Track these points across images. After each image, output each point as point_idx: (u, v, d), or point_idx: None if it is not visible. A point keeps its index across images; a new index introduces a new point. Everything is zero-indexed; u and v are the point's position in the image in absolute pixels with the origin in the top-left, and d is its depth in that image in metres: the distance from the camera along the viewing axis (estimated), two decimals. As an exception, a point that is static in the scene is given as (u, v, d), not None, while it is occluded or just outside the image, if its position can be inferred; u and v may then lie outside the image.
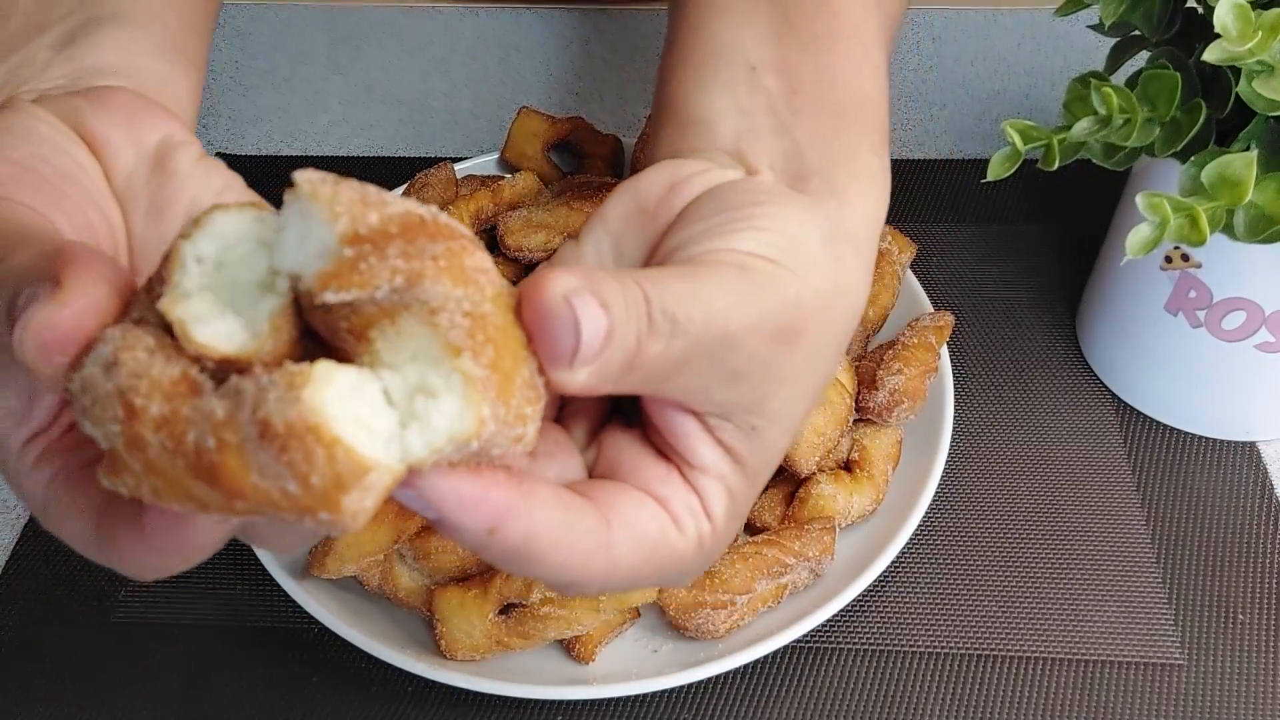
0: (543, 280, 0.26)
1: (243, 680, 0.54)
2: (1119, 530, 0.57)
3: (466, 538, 0.27)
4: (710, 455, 0.31)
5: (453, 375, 0.24)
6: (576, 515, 0.28)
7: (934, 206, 0.75)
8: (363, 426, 0.23)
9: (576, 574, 0.29)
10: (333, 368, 0.23)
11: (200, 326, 0.24)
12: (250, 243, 0.25)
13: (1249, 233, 0.47)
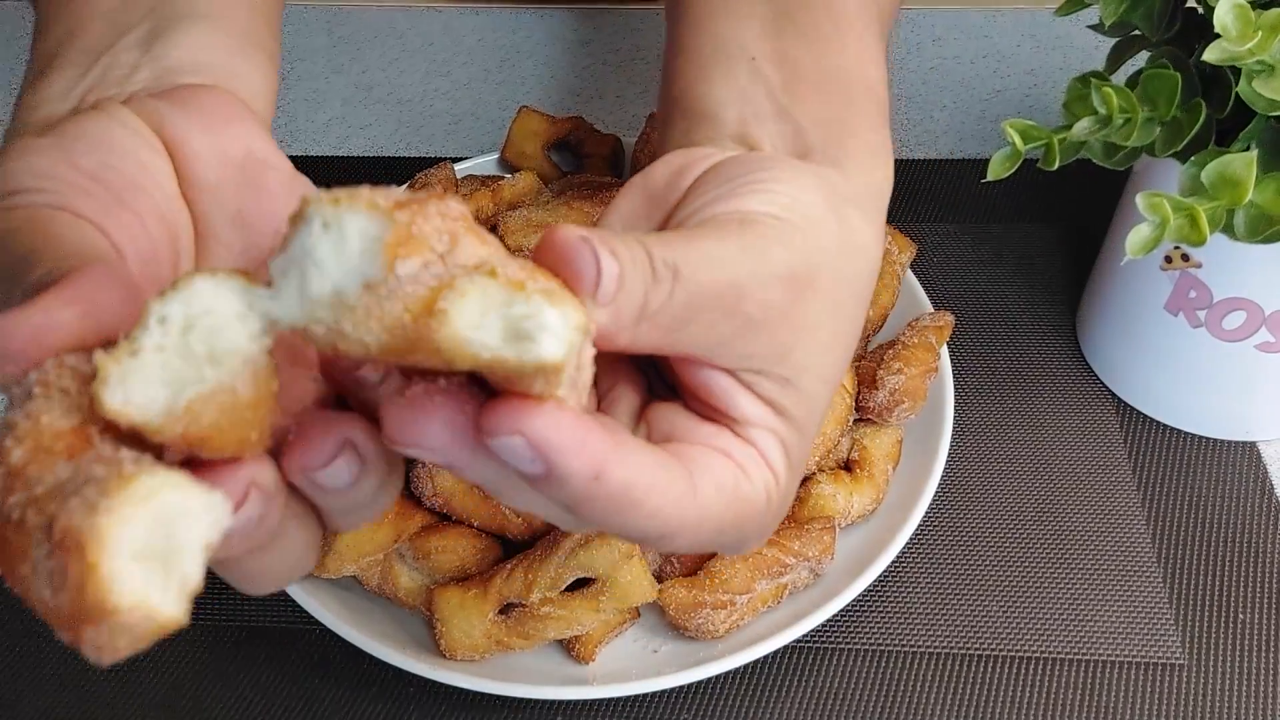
0: (557, 228, 0.27)
1: (243, 680, 0.54)
2: (1120, 530, 0.57)
3: (570, 487, 0.26)
4: (753, 408, 0.31)
5: (533, 297, 0.24)
6: (665, 464, 0.29)
7: (934, 206, 0.75)
8: (142, 563, 0.22)
9: (669, 522, 0.29)
10: (162, 484, 0.23)
11: (109, 388, 0.24)
12: (226, 314, 0.25)
13: (1249, 233, 0.47)
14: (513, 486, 0.28)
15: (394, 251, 0.24)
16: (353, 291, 0.24)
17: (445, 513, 0.53)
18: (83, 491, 0.22)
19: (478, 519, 0.53)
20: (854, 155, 0.37)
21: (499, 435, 0.25)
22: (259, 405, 0.25)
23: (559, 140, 0.71)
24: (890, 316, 0.62)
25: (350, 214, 0.24)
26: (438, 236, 0.24)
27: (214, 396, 0.24)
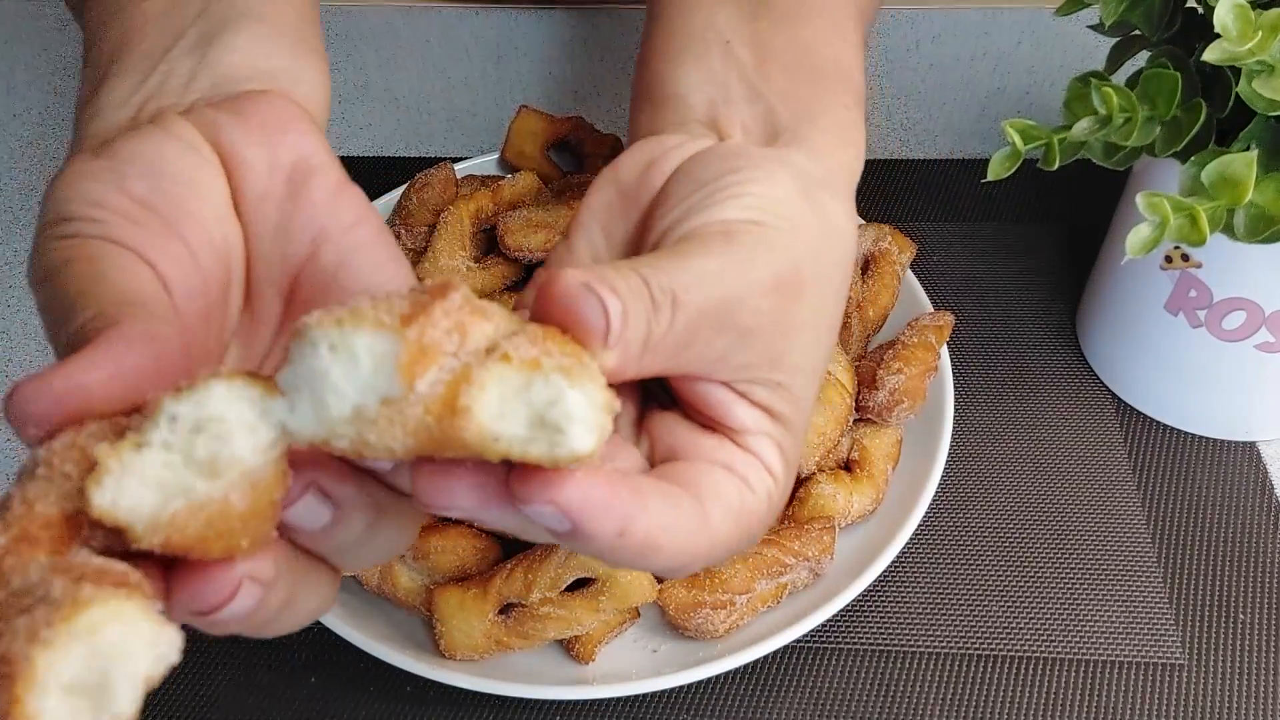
0: (555, 276, 0.27)
1: (242, 681, 0.54)
2: (1120, 530, 0.57)
3: (595, 544, 0.27)
4: (750, 417, 0.32)
5: (551, 377, 0.24)
6: (679, 503, 0.29)
7: (934, 206, 0.75)
8: (72, 697, 0.22)
9: (687, 558, 0.29)
10: (109, 617, 0.22)
11: (101, 487, 0.24)
12: (237, 423, 0.25)
13: (1249, 233, 0.47)
14: (532, 531, 0.29)
15: (411, 372, 0.24)
16: (372, 407, 0.24)
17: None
18: (34, 611, 0.22)
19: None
20: (824, 132, 0.37)
21: (532, 504, 0.26)
22: (255, 516, 0.25)
23: (559, 140, 0.71)
24: (890, 316, 0.62)
25: (356, 336, 0.24)
26: (448, 338, 0.24)
27: (203, 509, 0.24)
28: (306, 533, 0.28)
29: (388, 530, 0.30)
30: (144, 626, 0.23)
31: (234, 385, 0.25)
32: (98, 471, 0.24)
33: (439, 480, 0.27)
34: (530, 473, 0.26)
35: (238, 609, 0.26)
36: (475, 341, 0.24)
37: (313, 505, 0.28)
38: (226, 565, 0.26)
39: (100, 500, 0.24)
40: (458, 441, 0.24)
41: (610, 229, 0.35)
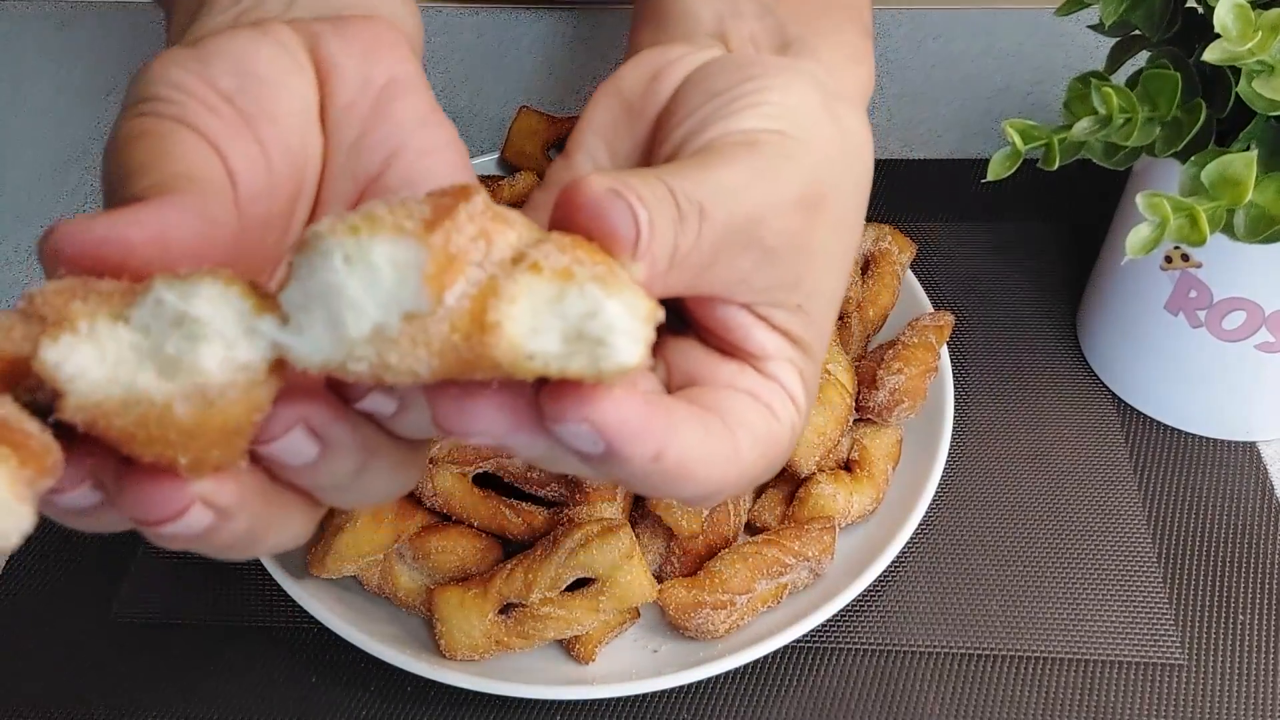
0: (580, 182, 0.25)
1: (242, 680, 0.54)
2: (1120, 530, 0.57)
3: (628, 468, 0.26)
4: (771, 341, 0.31)
5: (586, 287, 0.23)
6: (711, 429, 0.28)
7: (934, 206, 0.74)
8: None
9: (716, 486, 0.28)
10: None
11: (56, 345, 0.23)
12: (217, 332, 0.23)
13: (1249, 233, 0.47)
14: (561, 458, 0.27)
15: (439, 282, 0.22)
16: (394, 325, 0.22)
17: (445, 513, 0.54)
18: None
19: (478, 519, 0.53)
20: (836, 48, 0.36)
21: (565, 423, 0.24)
22: (202, 435, 0.23)
23: (559, 140, 0.71)
24: (890, 316, 0.62)
25: (375, 243, 0.22)
26: (474, 245, 0.22)
27: (138, 405, 0.23)
28: (291, 468, 0.26)
29: (378, 474, 0.28)
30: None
31: (228, 291, 0.23)
32: (60, 327, 0.22)
33: (463, 403, 0.25)
34: (563, 390, 0.24)
35: (184, 529, 0.25)
36: (500, 250, 0.23)
37: (298, 441, 0.26)
38: (177, 481, 0.24)
39: (46, 354, 0.22)
40: (488, 360, 0.22)
41: (614, 144, 0.34)
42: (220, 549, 0.26)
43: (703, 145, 0.31)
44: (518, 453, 0.27)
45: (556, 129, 0.71)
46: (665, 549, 0.54)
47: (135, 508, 0.24)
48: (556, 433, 0.25)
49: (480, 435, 0.25)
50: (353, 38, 0.33)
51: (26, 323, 0.23)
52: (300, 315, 0.23)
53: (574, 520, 0.52)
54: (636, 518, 0.54)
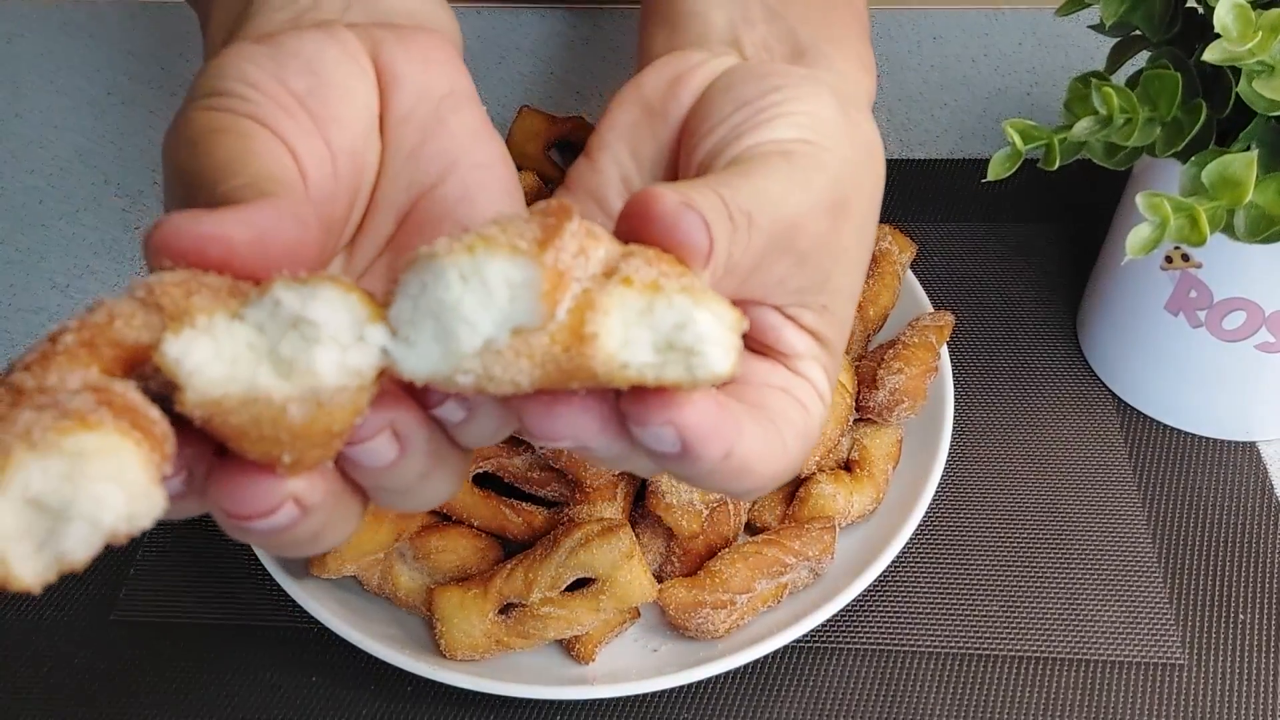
0: (652, 195, 0.27)
1: (242, 680, 0.54)
2: (1120, 530, 0.57)
3: (699, 466, 0.27)
4: (800, 341, 0.32)
5: (675, 299, 0.24)
6: (765, 428, 0.30)
7: (934, 206, 0.75)
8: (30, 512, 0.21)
9: (769, 479, 0.30)
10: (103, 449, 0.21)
11: (178, 339, 0.23)
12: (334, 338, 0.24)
13: (1249, 233, 0.47)
14: (629, 459, 0.29)
15: (553, 299, 0.23)
16: (502, 339, 0.23)
17: (445, 513, 0.54)
18: (44, 412, 0.21)
19: (478, 519, 0.53)
20: (848, 59, 0.38)
21: (649, 426, 0.26)
22: (308, 436, 0.24)
23: (560, 140, 0.71)
24: (890, 316, 0.62)
25: (491, 262, 0.23)
26: (576, 262, 0.23)
27: (256, 404, 0.23)
28: (366, 469, 0.27)
29: (438, 479, 0.29)
30: (134, 476, 0.22)
31: (348, 297, 0.24)
32: (183, 321, 0.23)
33: (554, 409, 0.26)
34: (648, 396, 0.26)
35: (270, 524, 0.25)
36: (593, 265, 0.24)
37: (382, 446, 0.27)
38: (275, 479, 0.25)
39: (169, 349, 0.23)
40: (585, 370, 0.23)
41: (637, 147, 0.35)
42: (288, 545, 0.27)
43: (739, 154, 0.32)
44: (594, 454, 0.28)
45: (557, 129, 0.71)
46: (665, 549, 0.54)
47: (228, 501, 0.25)
48: (639, 435, 0.26)
49: (566, 440, 0.27)
50: (414, 48, 0.34)
51: (145, 311, 0.23)
52: (408, 330, 0.24)
53: (574, 520, 0.52)
54: (636, 518, 0.54)
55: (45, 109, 0.87)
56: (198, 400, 0.23)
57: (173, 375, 0.23)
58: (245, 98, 0.31)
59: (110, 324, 0.23)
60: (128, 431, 0.22)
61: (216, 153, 0.29)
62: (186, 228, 0.25)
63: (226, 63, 0.32)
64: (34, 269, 0.75)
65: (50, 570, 0.22)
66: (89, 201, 0.80)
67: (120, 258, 0.75)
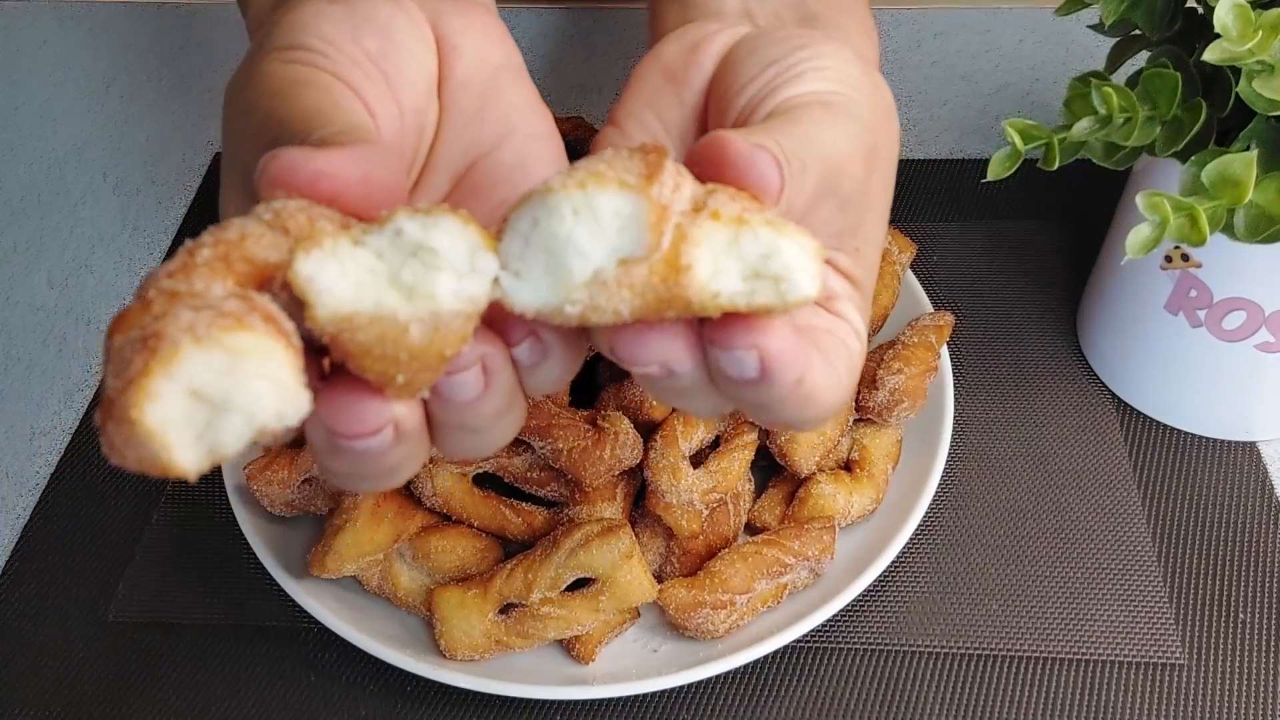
0: (725, 139, 0.28)
1: (242, 680, 0.54)
2: (1120, 530, 0.57)
3: (774, 391, 0.29)
4: (838, 284, 0.34)
5: (760, 231, 0.25)
6: (825, 358, 0.31)
7: (934, 206, 0.74)
8: (191, 402, 0.22)
9: (829, 409, 0.31)
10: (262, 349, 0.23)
11: (309, 259, 0.24)
12: (452, 264, 0.25)
13: (1249, 233, 0.47)
14: (702, 389, 0.30)
15: (658, 230, 0.24)
16: (609, 270, 0.25)
17: (445, 513, 0.53)
18: (201, 311, 0.22)
19: (478, 519, 0.53)
20: (854, 25, 0.39)
21: (736, 349, 0.27)
22: (421, 358, 0.25)
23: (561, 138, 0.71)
24: (890, 316, 0.62)
25: (602, 196, 0.25)
26: (675, 196, 0.25)
27: (382, 323, 0.24)
28: (452, 402, 0.28)
29: (506, 423, 0.30)
30: (285, 377, 0.23)
31: (467, 229, 0.25)
32: (311, 243, 0.24)
33: (647, 335, 0.28)
34: (733, 322, 0.27)
35: (369, 445, 0.27)
36: (683, 201, 0.25)
37: (472, 378, 0.28)
38: (382, 401, 0.26)
39: (301, 267, 0.24)
40: (680, 299, 0.25)
41: (662, 112, 0.36)
42: (371, 472, 0.28)
43: (777, 106, 0.33)
44: (677, 381, 0.29)
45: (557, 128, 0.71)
46: (665, 549, 0.54)
47: (338, 418, 0.26)
48: (722, 362, 0.28)
49: (654, 364, 0.28)
50: (472, 20, 0.36)
51: (273, 233, 0.25)
52: (518, 264, 0.26)
53: (574, 520, 0.52)
54: (636, 518, 0.54)
55: (43, 103, 0.87)
56: (329, 316, 0.24)
57: (303, 293, 0.24)
58: (324, 53, 0.32)
59: (243, 241, 0.24)
60: (277, 335, 0.23)
61: (303, 101, 0.30)
62: (304, 162, 0.26)
63: (305, 19, 0.33)
64: (32, 263, 0.75)
65: (204, 459, 0.23)
66: (86, 195, 0.79)
67: (118, 251, 0.75)
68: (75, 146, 0.83)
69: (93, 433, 0.64)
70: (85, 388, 0.68)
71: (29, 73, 0.89)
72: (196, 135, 0.84)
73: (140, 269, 0.74)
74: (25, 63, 0.90)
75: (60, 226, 0.78)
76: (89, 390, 0.68)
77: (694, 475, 0.52)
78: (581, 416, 0.52)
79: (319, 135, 0.28)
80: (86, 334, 0.71)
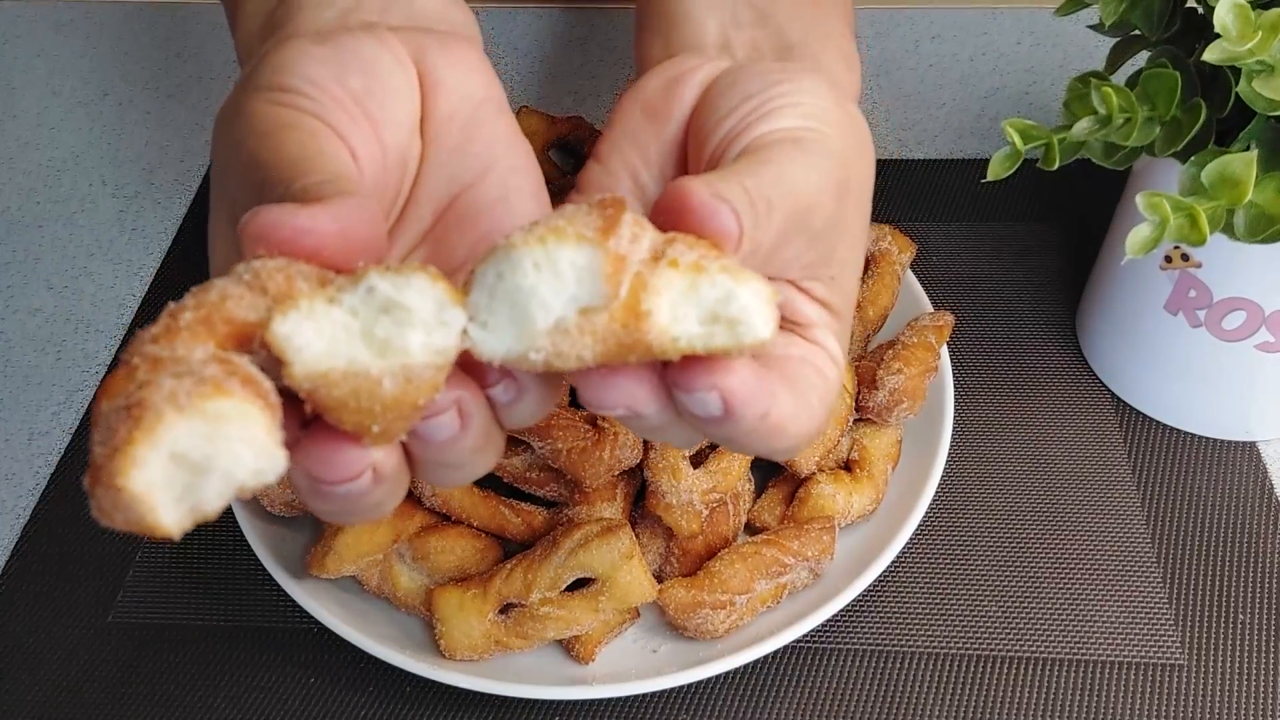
0: (684, 187, 0.29)
1: (241, 680, 0.54)
2: (1119, 530, 0.57)
3: (739, 427, 0.30)
4: (812, 311, 0.35)
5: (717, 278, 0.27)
6: (793, 391, 0.32)
7: (934, 206, 0.75)
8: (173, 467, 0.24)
9: (801, 439, 0.32)
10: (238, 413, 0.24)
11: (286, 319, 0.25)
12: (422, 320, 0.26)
13: (1249, 233, 0.47)
14: (670, 427, 0.31)
15: (615, 280, 0.26)
16: (570, 319, 0.26)
17: (445, 513, 0.53)
18: (183, 379, 0.24)
19: (477, 519, 0.53)
20: (832, 54, 0.40)
21: (697, 391, 0.29)
22: (395, 408, 0.26)
23: (559, 140, 0.71)
24: (890, 316, 0.62)
25: (561, 250, 0.26)
26: (632, 248, 0.26)
27: (356, 379, 0.26)
28: (430, 443, 0.30)
29: (484, 456, 0.32)
30: (261, 439, 0.24)
31: (436, 286, 0.26)
32: (289, 304, 0.26)
33: (612, 379, 0.29)
34: (694, 365, 0.28)
35: (350, 489, 0.28)
36: (643, 250, 0.27)
37: (448, 420, 0.29)
38: (360, 448, 0.28)
39: (278, 328, 0.25)
40: (641, 344, 0.27)
41: (644, 148, 0.38)
42: (355, 511, 0.30)
43: (750, 143, 0.34)
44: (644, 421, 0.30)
45: (556, 129, 0.71)
46: (665, 549, 0.54)
47: (319, 467, 0.28)
48: (685, 402, 0.29)
49: (621, 407, 0.29)
50: (454, 54, 0.36)
51: (252, 293, 0.26)
52: (485, 316, 0.27)
53: (574, 520, 0.52)
54: (636, 518, 0.54)
55: (39, 111, 0.87)
56: (305, 374, 0.25)
57: (281, 352, 0.25)
58: (309, 95, 0.33)
59: (223, 302, 0.25)
60: (254, 399, 0.24)
61: (288, 148, 0.31)
62: (285, 220, 0.27)
63: (290, 59, 0.34)
64: (30, 271, 0.75)
65: (187, 519, 0.24)
66: (84, 203, 0.79)
67: (116, 258, 0.75)
68: (73, 153, 0.83)
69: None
70: (85, 388, 0.68)
71: (25, 80, 0.89)
72: (194, 140, 0.84)
73: (140, 272, 0.74)
74: (21, 70, 0.90)
75: (59, 233, 0.78)
76: (88, 391, 0.67)
77: (694, 475, 0.52)
78: (581, 416, 0.52)
79: (300, 185, 0.29)
80: (86, 338, 0.71)
